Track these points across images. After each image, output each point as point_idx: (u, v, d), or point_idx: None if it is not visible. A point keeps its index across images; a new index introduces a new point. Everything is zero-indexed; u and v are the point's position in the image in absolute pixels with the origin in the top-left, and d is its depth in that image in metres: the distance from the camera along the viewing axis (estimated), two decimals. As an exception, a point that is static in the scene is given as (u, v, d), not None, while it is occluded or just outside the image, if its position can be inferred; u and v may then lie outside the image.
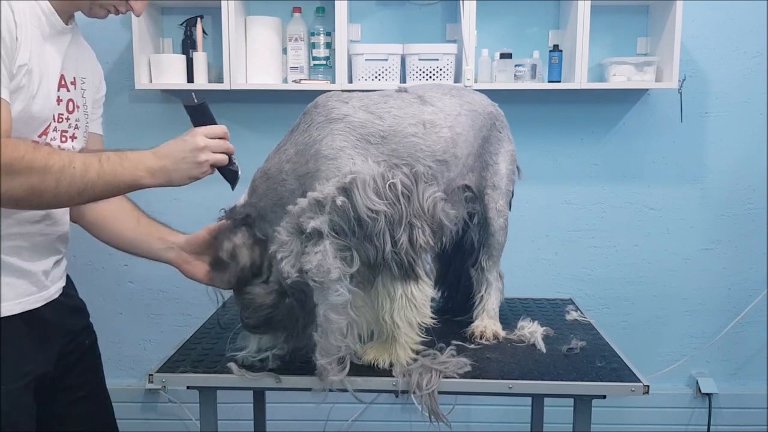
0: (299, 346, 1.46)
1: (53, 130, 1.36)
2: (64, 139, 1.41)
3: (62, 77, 1.37)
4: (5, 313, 1.30)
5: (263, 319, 1.45)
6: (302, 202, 1.39)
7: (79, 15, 1.41)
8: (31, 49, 1.24)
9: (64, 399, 1.50)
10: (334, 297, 1.36)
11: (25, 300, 1.34)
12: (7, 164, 1.15)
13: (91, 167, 1.24)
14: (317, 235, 1.37)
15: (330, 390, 1.44)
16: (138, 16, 1.43)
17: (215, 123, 1.39)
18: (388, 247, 1.39)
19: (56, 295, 1.44)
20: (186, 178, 1.33)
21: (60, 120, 1.38)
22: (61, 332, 1.46)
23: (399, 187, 1.41)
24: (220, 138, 1.36)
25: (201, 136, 1.33)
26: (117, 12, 1.39)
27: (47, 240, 1.39)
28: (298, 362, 1.47)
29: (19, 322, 1.33)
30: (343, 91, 1.63)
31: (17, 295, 1.33)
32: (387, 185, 1.40)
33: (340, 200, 1.36)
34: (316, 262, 1.35)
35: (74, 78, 1.42)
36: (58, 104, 1.37)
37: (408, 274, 1.44)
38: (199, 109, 1.38)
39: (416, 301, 1.47)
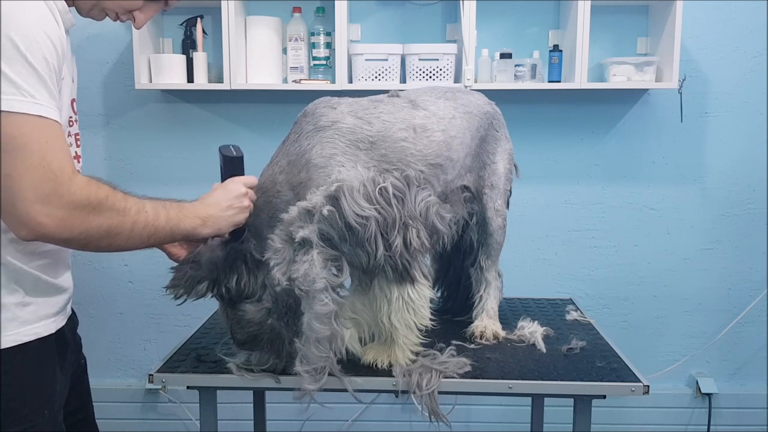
0: (288, 365, 1.46)
1: (68, 136, 1.30)
2: (78, 143, 1.36)
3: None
4: (43, 333, 1.24)
5: (250, 336, 1.45)
6: (293, 210, 1.40)
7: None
8: (66, 59, 1.19)
9: (66, 423, 1.38)
10: (319, 306, 1.36)
11: (57, 318, 1.28)
12: (93, 203, 1.12)
13: (160, 213, 1.24)
14: (306, 244, 1.38)
15: (310, 398, 1.42)
16: (138, 28, 1.38)
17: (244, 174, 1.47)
18: (380, 251, 1.39)
19: (71, 311, 1.40)
20: (231, 224, 1.39)
21: (71, 123, 1.33)
22: (74, 350, 1.41)
23: (390, 190, 1.41)
24: (252, 188, 1.44)
25: (240, 184, 1.41)
26: (116, 18, 1.33)
27: (66, 254, 1.34)
28: (289, 372, 1.47)
29: (53, 342, 1.27)
30: (335, 93, 1.62)
31: (51, 314, 1.27)
32: (378, 189, 1.40)
33: (326, 209, 1.36)
34: (303, 271, 1.36)
35: (72, 74, 1.34)
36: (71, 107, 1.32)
37: (403, 276, 1.44)
38: (236, 161, 1.46)
39: (413, 304, 1.47)
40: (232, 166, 1.46)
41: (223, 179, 1.45)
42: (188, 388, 1.57)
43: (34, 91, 1.07)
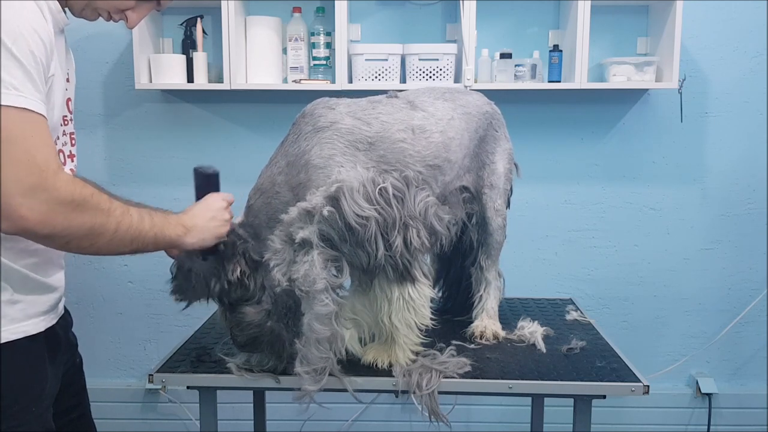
0: (289, 366, 1.46)
1: (62, 134, 1.31)
2: (73, 142, 1.36)
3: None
4: (32, 331, 1.25)
5: (251, 339, 1.45)
6: (293, 211, 1.40)
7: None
8: (56, 56, 1.18)
9: (60, 421, 1.39)
10: (319, 307, 1.37)
11: (46, 317, 1.29)
12: (77, 200, 1.11)
13: (144, 218, 1.24)
14: (306, 245, 1.38)
15: (310, 398, 1.42)
16: (130, 28, 1.38)
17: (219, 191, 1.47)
18: (381, 251, 1.39)
19: (63, 310, 1.40)
20: (214, 236, 1.40)
21: (66, 122, 1.33)
22: (66, 349, 1.41)
23: (390, 190, 1.41)
24: (230, 204, 1.46)
25: (220, 199, 1.43)
26: (109, 18, 1.33)
27: (57, 254, 1.33)
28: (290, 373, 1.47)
29: (42, 340, 1.27)
30: (335, 93, 1.62)
31: (41, 312, 1.27)
32: (377, 189, 1.40)
33: (326, 210, 1.36)
34: (303, 271, 1.36)
35: (68, 73, 1.35)
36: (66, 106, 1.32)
37: (404, 276, 1.44)
38: (213, 178, 1.48)
39: (414, 303, 1.47)
40: (208, 183, 1.47)
41: (199, 197, 1.45)
42: (188, 388, 1.58)
43: (19, 83, 1.07)
